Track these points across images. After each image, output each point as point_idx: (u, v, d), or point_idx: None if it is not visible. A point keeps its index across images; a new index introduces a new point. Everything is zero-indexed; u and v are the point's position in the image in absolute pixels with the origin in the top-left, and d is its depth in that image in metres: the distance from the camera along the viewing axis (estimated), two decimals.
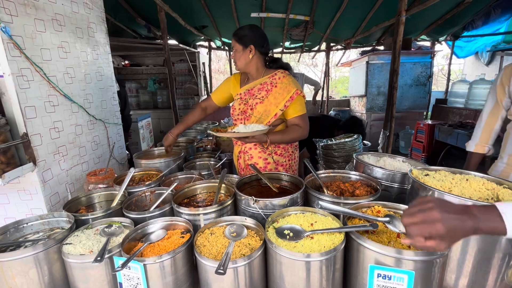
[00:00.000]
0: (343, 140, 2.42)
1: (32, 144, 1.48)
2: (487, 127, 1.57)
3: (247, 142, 1.53)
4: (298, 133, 1.63)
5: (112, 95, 2.30)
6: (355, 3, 4.32)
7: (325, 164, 2.46)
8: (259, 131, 1.45)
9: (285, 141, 1.66)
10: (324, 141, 2.46)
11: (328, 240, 0.90)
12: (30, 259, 0.94)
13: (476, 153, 1.62)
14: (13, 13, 1.40)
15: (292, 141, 1.73)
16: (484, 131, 1.59)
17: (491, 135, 1.57)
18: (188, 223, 1.08)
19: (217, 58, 13.56)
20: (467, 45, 5.93)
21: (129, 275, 0.90)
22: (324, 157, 2.46)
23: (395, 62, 3.08)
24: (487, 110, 1.56)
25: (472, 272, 0.90)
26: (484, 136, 1.59)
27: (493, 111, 1.54)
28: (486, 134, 1.58)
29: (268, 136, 1.54)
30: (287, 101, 1.61)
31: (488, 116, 1.56)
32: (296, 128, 1.64)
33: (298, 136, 1.64)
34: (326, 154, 2.45)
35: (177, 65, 5.77)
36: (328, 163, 2.44)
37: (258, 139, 1.52)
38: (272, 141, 1.56)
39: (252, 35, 1.63)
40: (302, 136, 1.65)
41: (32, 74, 1.50)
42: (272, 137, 1.56)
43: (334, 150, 2.37)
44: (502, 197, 0.95)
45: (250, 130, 1.47)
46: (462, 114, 4.02)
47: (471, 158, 1.66)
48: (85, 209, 1.36)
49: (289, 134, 1.63)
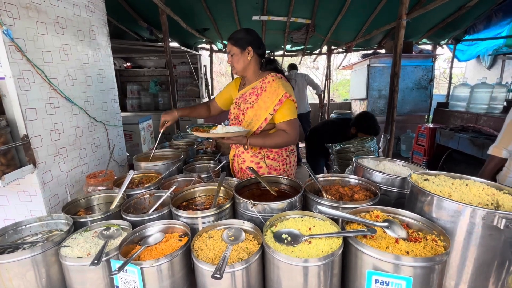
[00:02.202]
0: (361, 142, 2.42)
1: (32, 146, 1.48)
2: (507, 132, 1.59)
3: (225, 142, 1.52)
4: (283, 139, 1.57)
5: (113, 97, 2.31)
6: (356, 6, 4.33)
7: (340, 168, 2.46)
8: (236, 132, 1.45)
9: (267, 146, 1.62)
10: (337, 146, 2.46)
11: (326, 245, 0.89)
12: (27, 261, 0.94)
13: (494, 156, 1.63)
14: (15, 16, 1.41)
15: (276, 147, 1.66)
16: (504, 135, 1.61)
17: (511, 140, 1.57)
18: (186, 226, 1.08)
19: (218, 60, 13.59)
20: (468, 49, 5.92)
21: (126, 279, 0.90)
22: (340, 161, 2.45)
23: (396, 66, 3.08)
24: (510, 115, 1.59)
25: (471, 278, 0.89)
26: (503, 140, 1.60)
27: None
28: (507, 138, 1.59)
29: (248, 139, 1.53)
30: (276, 105, 1.57)
31: (510, 120, 1.59)
32: (281, 133, 1.58)
33: (282, 142, 1.58)
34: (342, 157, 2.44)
35: (179, 67, 5.79)
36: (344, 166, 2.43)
37: (236, 141, 1.50)
38: (251, 143, 1.54)
39: (249, 37, 1.62)
40: (288, 143, 1.59)
41: (33, 76, 1.51)
42: (252, 140, 1.54)
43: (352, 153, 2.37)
44: (502, 202, 0.94)
45: (226, 131, 1.46)
46: (464, 117, 4.00)
47: (489, 161, 1.67)
48: (84, 211, 1.36)
49: (272, 139, 1.57)
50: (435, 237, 0.88)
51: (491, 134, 3.26)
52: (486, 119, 3.57)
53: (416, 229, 0.96)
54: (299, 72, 5.33)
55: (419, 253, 0.82)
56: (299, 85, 5.17)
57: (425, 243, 0.86)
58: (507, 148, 1.59)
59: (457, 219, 0.88)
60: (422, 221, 0.95)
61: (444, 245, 0.85)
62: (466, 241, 0.87)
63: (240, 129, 1.52)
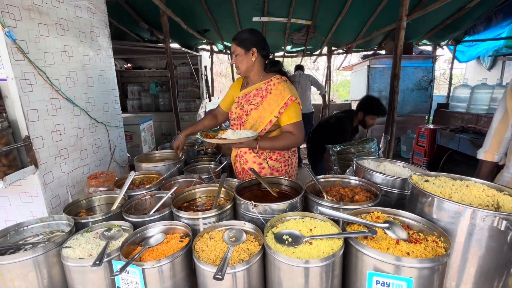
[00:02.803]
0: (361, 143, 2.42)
1: (34, 147, 1.49)
2: (497, 135, 1.57)
3: (236, 147, 1.53)
4: (290, 140, 1.60)
5: (114, 98, 2.32)
6: (357, 7, 4.34)
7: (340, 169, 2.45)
8: (247, 138, 1.45)
9: (275, 148, 1.64)
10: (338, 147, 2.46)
11: (327, 246, 0.90)
12: (29, 262, 0.95)
13: (486, 161, 1.62)
14: (17, 18, 1.42)
15: (284, 149, 1.68)
16: (494, 139, 1.58)
17: (501, 143, 1.56)
18: (187, 227, 1.08)
19: (219, 61, 13.62)
20: (468, 50, 5.93)
21: (127, 279, 0.90)
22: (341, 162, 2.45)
23: (396, 67, 3.08)
24: (497, 118, 1.56)
25: (472, 279, 0.89)
26: (494, 144, 1.58)
27: (503, 119, 1.54)
28: (496, 142, 1.57)
29: (258, 142, 1.54)
30: (281, 108, 1.58)
31: (498, 124, 1.56)
32: (288, 135, 1.60)
33: (290, 144, 1.61)
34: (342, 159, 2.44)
35: (179, 68, 5.80)
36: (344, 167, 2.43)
37: (247, 145, 1.53)
38: (261, 147, 1.55)
39: (254, 38, 1.63)
40: (295, 144, 1.62)
41: (35, 77, 1.51)
42: (262, 143, 1.55)
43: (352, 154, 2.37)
44: (503, 203, 0.94)
45: (239, 137, 1.46)
46: (464, 118, 4.00)
47: (481, 166, 1.65)
48: (85, 212, 1.36)
49: (281, 141, 1.60)
50: (435, 238, 0.89)
51: None
52: (486, 120, 3.58)
53: (417, 230, 0.96)
54: (303, 73, 5.33)
55: (420, 254, 0.82)
56: (303, 86, 5.17)
57: (426, 244, 0.87)
58: (499, 152, 1.57)
59: (457, 220, 0.88)
60: (422, 222, 0.96)
61: (444, 246, 0.85)
62: (467, 242, 0.87)
63: (252, 133, 1.52)
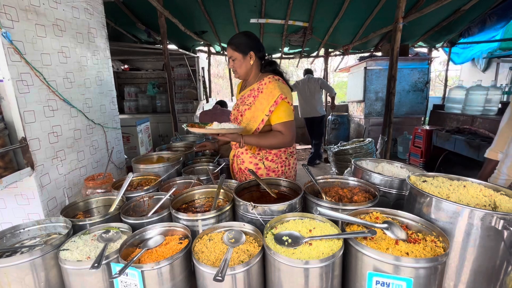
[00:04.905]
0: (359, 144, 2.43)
1: (31, 148, 1.48)
2: (502, 135, 1.68)
3: (220, 139, 1.54)
4: (278, 139, 1.57)
5: (111, 99, 2.31)
6: (353, 10, 4.38)
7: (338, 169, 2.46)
8: (231, 129, 1.46)
9: (261, 145, 1.61)
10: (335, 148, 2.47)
11: (327, 246, 0.90)
12: (26, 265, 0.93)
13: (491, 159, 1.72)
14: (14, 19, 1.40)
15: (271, 147, 1.66)
16: (499, 138, 1.70)
17: (506, 142, 1.64)
18: (186, 229, 1.08)
19: (216, 63, 13.63)
20: (463, 52, 6.00)
21: (126, 282, 0.89)
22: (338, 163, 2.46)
23: (392, 68, 3.11)
24: (504, 119, 1.68)
25: (470, 279, 0.90)
26: (499, 143, 1.69)
27: (509, 122, 1.66)
28: (501, 141, 1.68)
29: (243, 137, 1.53)
30: (272, 106, 1.57)
31: (504, 125, 1.68)
32: (276, 134, 1.58)
33: (277, 143, 1.58)
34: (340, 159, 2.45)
35: (177, 70, 5.79)
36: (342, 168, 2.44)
37: (231, 138, 1.52)
38: (246, 142, 1.54)
39: (250, 41, 1.63)
40: (283, 144, 1.60)
41: (32, 78, 1.50)
42: (247, 139, 1.54)
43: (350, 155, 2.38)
44: (500, 203, 0.95)
45: (221, 127, 1.47)
46: (460, 119, 4.04)
47: (487, 165, 1.76)
48: (83, 214, 1.35)
49: (267, 139, 1.57)
50: (434, 238, 0.89)
51: (486, 136, 3.30)
52: (481, 121, 3.62)
53: (416, 230, 0.97)
54: (312, 77, 5.29)
55: (419, 254, 0.83)
56: (311, 89, 5.13)
57: (425, 244, 0.87)
58: (502, 151, 1.66)
59: (455, 220, 0.89)
60: (421, 222, 0.96)
61: (443, 246, 0.86)
62: (465, 242, 0.88)
63: (235, 126, 1.53)
